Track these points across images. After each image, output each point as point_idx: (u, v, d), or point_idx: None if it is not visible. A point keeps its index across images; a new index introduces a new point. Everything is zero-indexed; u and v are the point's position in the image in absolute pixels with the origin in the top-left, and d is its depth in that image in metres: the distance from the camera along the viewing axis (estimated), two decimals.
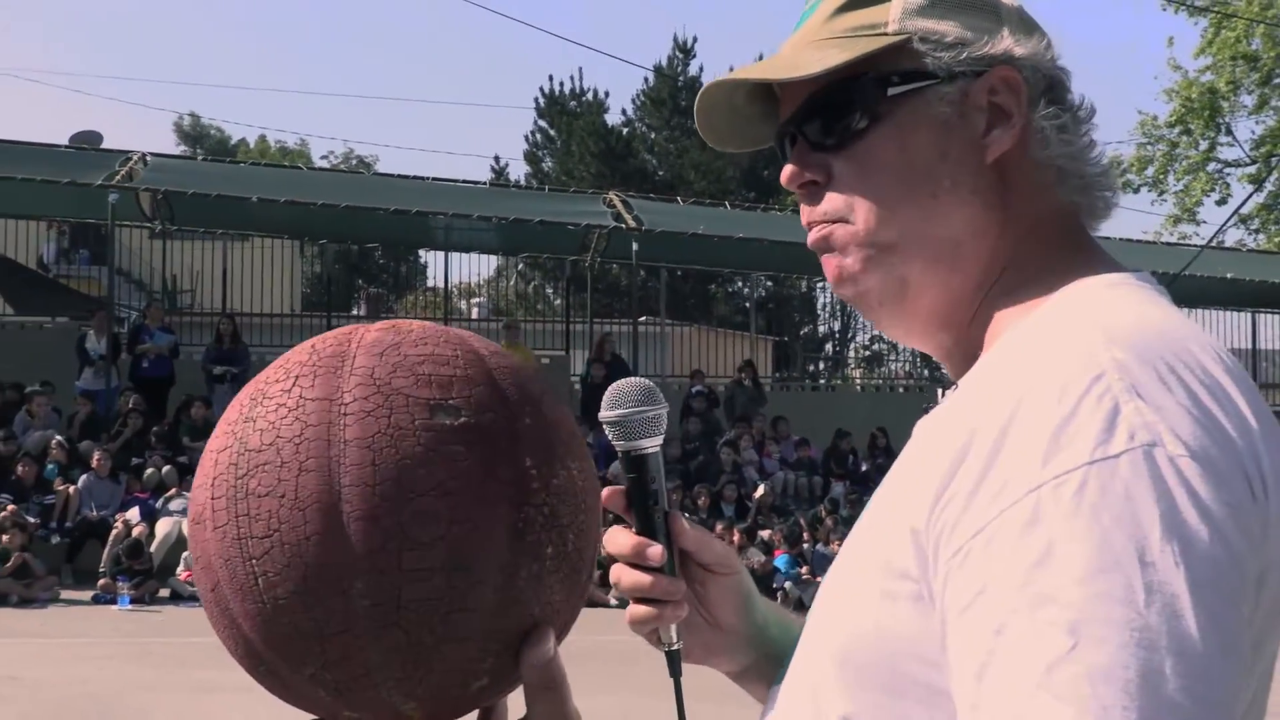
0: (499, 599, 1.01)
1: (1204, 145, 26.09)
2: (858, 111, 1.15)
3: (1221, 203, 27.01)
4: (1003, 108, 1.12)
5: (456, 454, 1.00)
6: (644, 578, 1.23)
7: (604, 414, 1.26)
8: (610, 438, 1.26)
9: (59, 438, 16.58)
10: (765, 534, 16.26)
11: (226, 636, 1.08)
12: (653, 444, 1.26)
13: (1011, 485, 0.89)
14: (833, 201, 1.17)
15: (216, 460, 1.05)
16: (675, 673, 1.26)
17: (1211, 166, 27.16)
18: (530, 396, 1.07)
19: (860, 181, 1.16)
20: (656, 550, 1.23)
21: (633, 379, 1.29)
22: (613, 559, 1.25)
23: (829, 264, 1.18)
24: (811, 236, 1.18)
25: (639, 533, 1.25)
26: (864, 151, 1.15)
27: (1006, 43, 1.13)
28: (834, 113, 1.16)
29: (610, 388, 1.28)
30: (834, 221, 1.17)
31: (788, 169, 1.21)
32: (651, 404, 1.26)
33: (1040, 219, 1.14)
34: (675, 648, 1.25)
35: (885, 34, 1.14)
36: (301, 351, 1.09)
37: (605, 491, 1.23)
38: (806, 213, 1.19)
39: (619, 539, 1.25)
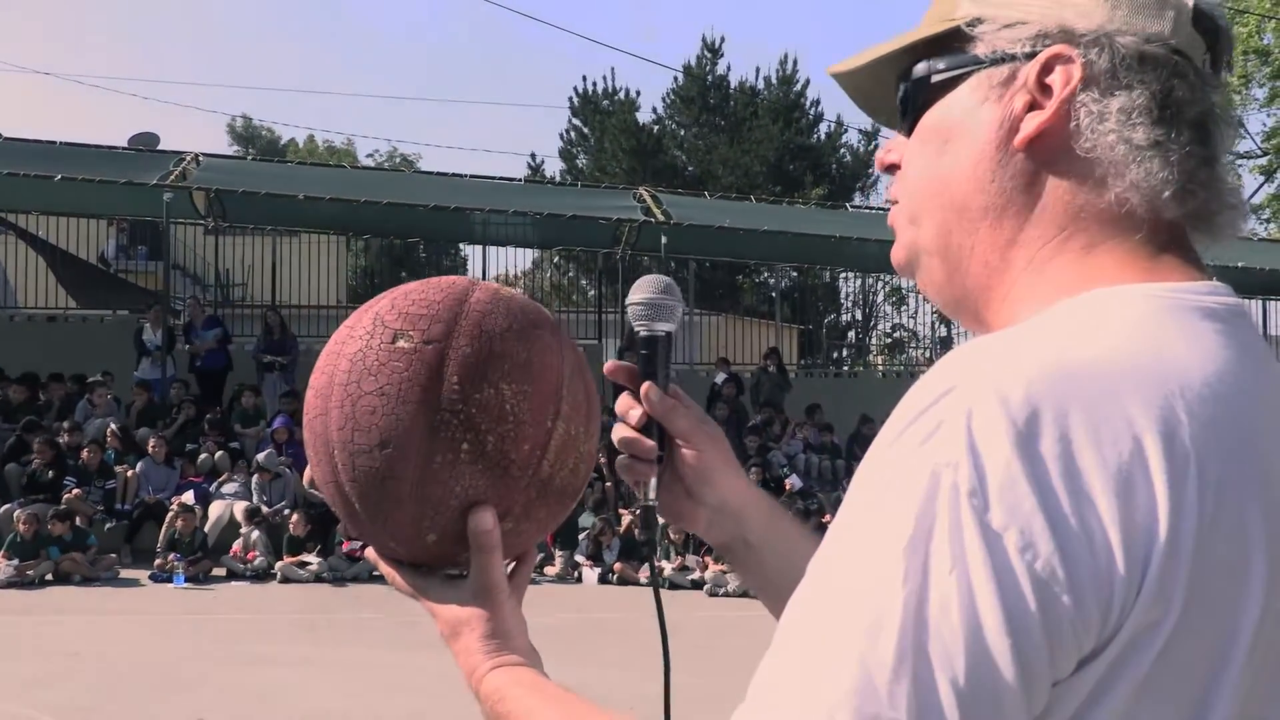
0: (419, 474, 1.27)
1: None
2: (911, 99, 1.13)
3: None
4: (1052, 89, 1.03)
5: (397, 368, 1.28)
6: (627, 434, 1.38)
7: (631, 297, 1.42)
8: (631, 318, 1.41)
9: (114, 426, 16.99)
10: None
11: None
12: (664, 327, 1.40)
13: (858, 475, 0.91)
14: (892, 187, 1.18)
15: None
16: (648, 525, 1.41)
17: None
18: (483, 332, 1.31)
19: (906, 168, 1.15)
20: (636, 413, 1.37)
21: (658, 275, 1.44)
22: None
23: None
24: None
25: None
26: (914, 139, 1.13)
27: (1064, 16, 1.05)
28: (902, 101, 1.15)
29: (638, 280, 1.44)
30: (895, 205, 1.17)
31: (878, 154, 1.22)
32: (670, 296, 1.41)
33: (1078, 214, 1.04)
34: (649, 504, 1.39)
35: (952, 20, 1.10)
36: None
37: (608, 365, 1.40)
38: None
39: (620, 402, 1.39)
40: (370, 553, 1.40)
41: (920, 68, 1.12)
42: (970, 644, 0.83)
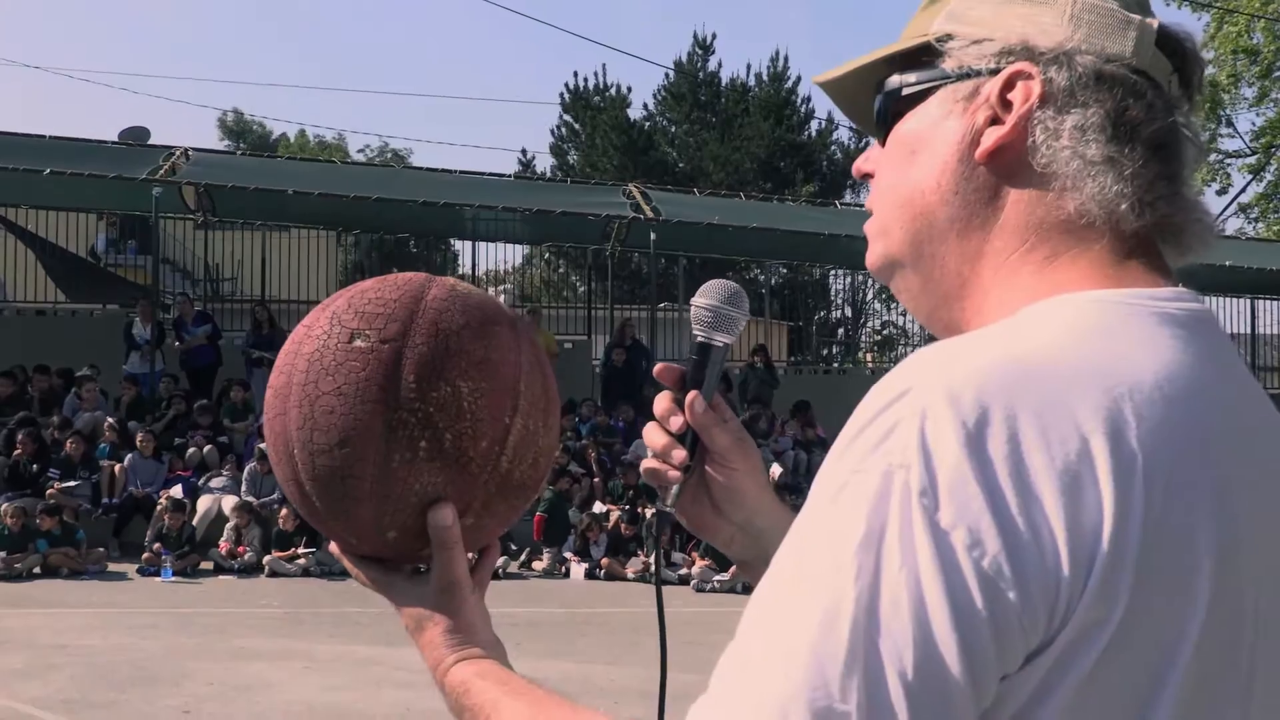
0: (379, 473, 1.28)
1: (1205, 137, 26.43)
2: (884, 111, 1.16)
3: (1222, 192, 27.24)
4: (1013, 105, 1.06)
5: (354, 367, 1.29)
6: (660, 438, 1.36)
7: (696, 299, 1.38)
8: (692, 319, 1.38)
9: (110, 420, 16.99)
10: None
11: None
12: (722, 339, 1.37)
13: (819, 476, 0.93)
14: (869, 197, 1.20)
15: None
16: (657, 530, 1.43)
17: (1212, 157, 27.30)
18: (439, 330, 1.31)
19: (878, 177, 1.17)
20: (677, 420, 1.35)
21: (729, 281, 1.41)
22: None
23: None
24: None
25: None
26: (886, 150, 1.16)
27: (1027, 34, 1.08)
28: (877, 111, 1.18)
29: (708, 283, 1.41)
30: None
31: (856, 162, 1.24)
32: (735, 307, 1.39)
33: (1039, 226, 1.06)
34: (666, 509, 1.37)
35: (925, 35, 1.13)
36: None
37: (658, 366, 1.38)
38: None
39: (659, 402, 1.37)
40: (334, 548, 1.41)
41: (893, 80, 1.15)
42: (919, 639, 0.85)
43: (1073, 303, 1.00)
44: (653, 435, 1.37)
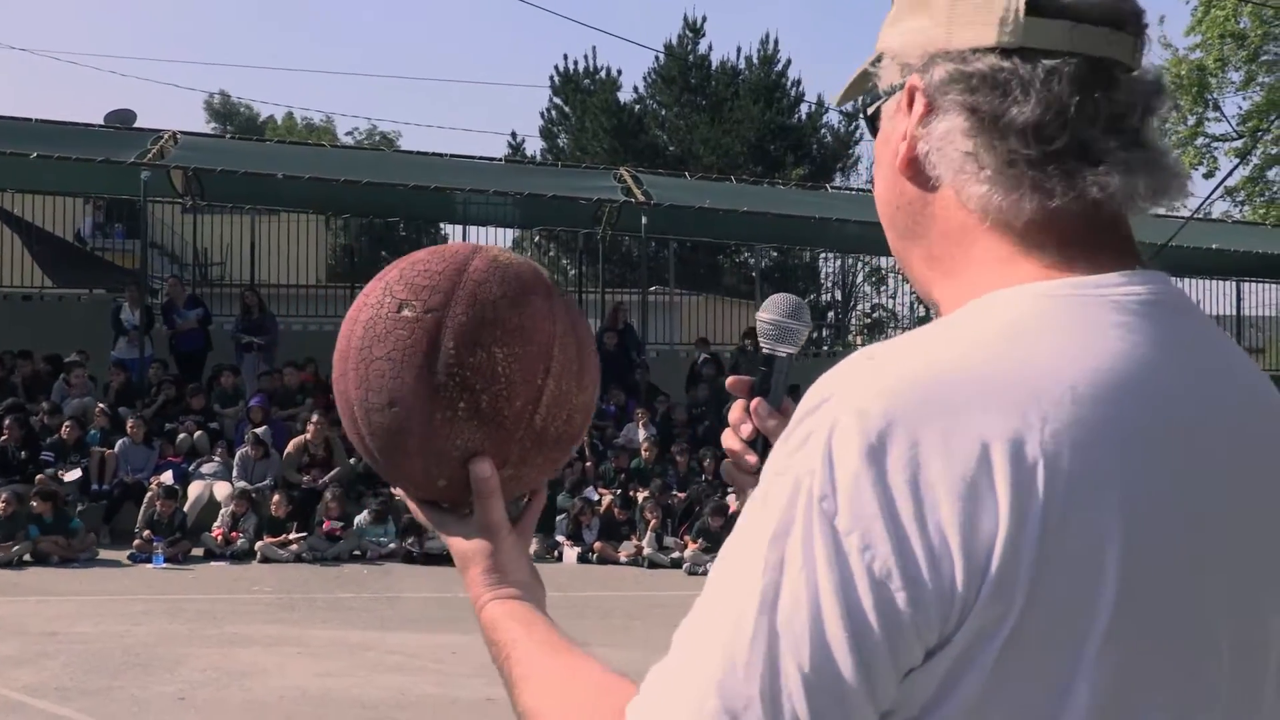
0: (424, 430, 1.42)
1: (1192, 121, 26.62)
2: (868, 127, 1.22)
3: (1208, 176, 27.28)
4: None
5: (401, 335, 1.42)
6: (734, 444, 1.48)
7: (760, 314, 1.49)
8: (758, 333, 1.50)
9: (102, 405, 16.94)
10: None
11: None
12: (785, 350, 1.48)
13: (766, 464, 1.02)
14: None
15: None
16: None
17: (1199, 141, 27.47)
18: (478, 300, 1.43)
19: None
20: (747, 428, 1.47)
21: (791, 295, 1.52)
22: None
23: None
24: None
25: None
26: None
27: (906, 44, 1.12)
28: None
29: (771, 297, 1.51)
30: None
31: None
32: (797, 319, 1.49)
33: (963, 228, 1.10)
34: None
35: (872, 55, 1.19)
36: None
37: (730, 379, 1.50)
38: None
39: (732, 412, 1.49)
40: (398, 491, 1.54)
41: (860, 101, 1.24)
42: (814, 635, 0.92)
43: (1006, 299, 1.03)
44: (728, 441, 1.49)
